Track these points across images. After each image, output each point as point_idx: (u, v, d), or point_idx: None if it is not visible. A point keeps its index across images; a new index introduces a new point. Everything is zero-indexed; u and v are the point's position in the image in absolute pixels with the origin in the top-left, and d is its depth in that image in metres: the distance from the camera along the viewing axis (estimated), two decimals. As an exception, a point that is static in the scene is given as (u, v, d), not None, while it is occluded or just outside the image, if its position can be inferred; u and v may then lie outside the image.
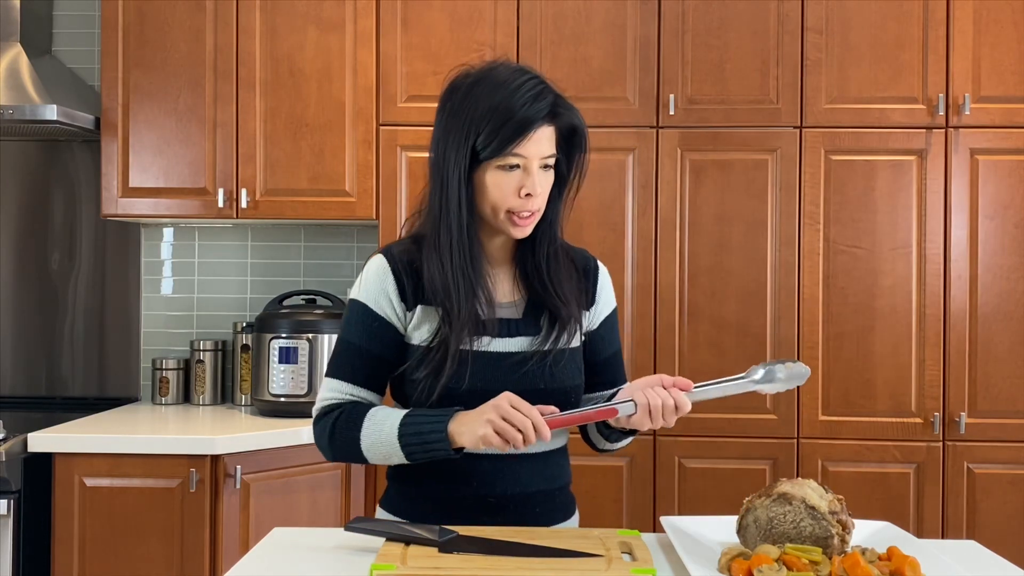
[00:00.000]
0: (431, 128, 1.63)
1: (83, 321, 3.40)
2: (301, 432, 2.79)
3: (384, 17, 3.03)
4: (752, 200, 2.95)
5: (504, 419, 1.45)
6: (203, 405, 3.27)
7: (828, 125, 2.95)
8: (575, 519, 1.73)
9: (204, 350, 3.28)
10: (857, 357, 2.93)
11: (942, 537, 2.87)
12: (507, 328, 1.61)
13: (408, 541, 1.42)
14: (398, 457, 1.54)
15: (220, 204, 3.03)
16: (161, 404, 3.28)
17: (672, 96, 2.94)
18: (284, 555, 1.50)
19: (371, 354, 1.61)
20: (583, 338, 1.70)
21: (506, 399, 1.47)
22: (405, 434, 1.52)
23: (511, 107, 1.52)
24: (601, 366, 1.73)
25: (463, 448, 1.51)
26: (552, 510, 1.67)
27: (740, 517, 1.45)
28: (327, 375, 1.64)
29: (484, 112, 1.53)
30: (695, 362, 2.93)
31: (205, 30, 3.05)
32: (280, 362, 3.01)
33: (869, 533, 1.55)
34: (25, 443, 2.61)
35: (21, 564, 2.57)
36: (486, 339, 1.59)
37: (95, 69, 3.37)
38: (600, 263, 1.76)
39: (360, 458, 1.58)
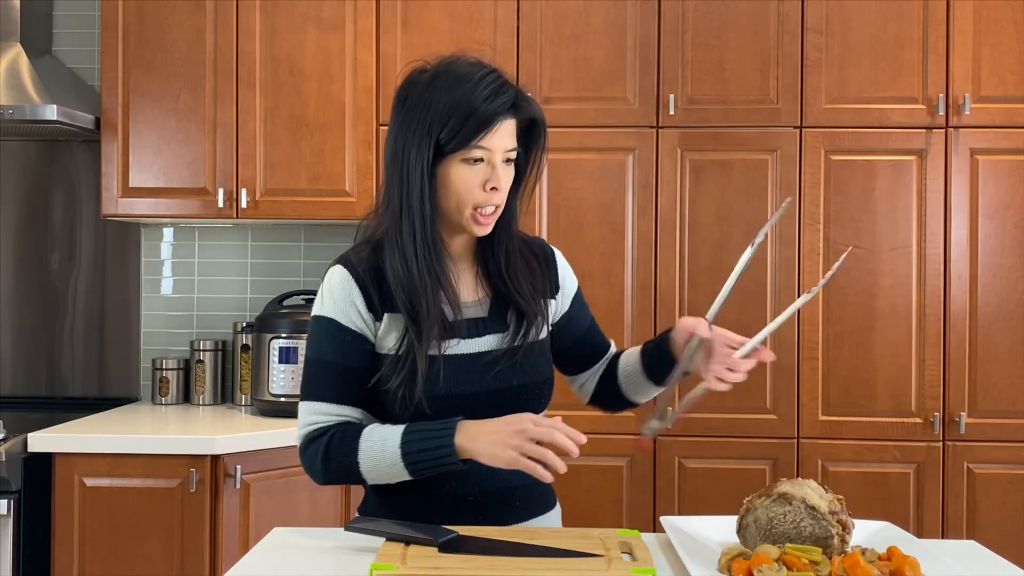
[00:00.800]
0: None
1: (83, 321, 3.40)
2: (301, 432, 2.79)
3: (384, 17, 3.03)
4: (752, 200, 2.95)
5: (532, 439, 1.42)
6: (203, 405, 3.27)
7: (828, 125, 2.95)
8: (557, 510, 1.72)
9: (204, 350, 3.28)
10: (857, 357, 2.93)
11: (942, 537, 2.87)
12: (475, 328, 1.60)
13: (408, 541, 1.42)
14: (402, 476, 1.51)
15: (220, 204, 3.03)
16: (161, 404, 3.28)
17: (672, 96, 2.95)
18: (284, 555, 1.49)
19: (349, 370, 1.56)
20: (550, 328, 1.70)
21: (528, 419, 1.45)
22: (409, 452, 1.48)
23: (474, 100, 1.51)
24: (582, 339, 1.76)
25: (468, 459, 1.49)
26: (533, 502, 1.65)
27: (740, 517, 1.45)
28: (304, 399, 1.58)
29: (447, 106, 1.51)
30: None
31: (205, 30, 3.05)
32: (280, 362, 3.01)
33: (869, 533, 1.54)
34: (25, 443, 2.61)
35: (21, 564, 2.57)
36: (455, 341, 1.57)
37: (95, 69, 3.37)
38: (554, 248, 1.77)
39: (359, 481, 1.54)
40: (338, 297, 1.57)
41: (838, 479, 2.91)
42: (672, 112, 2.94)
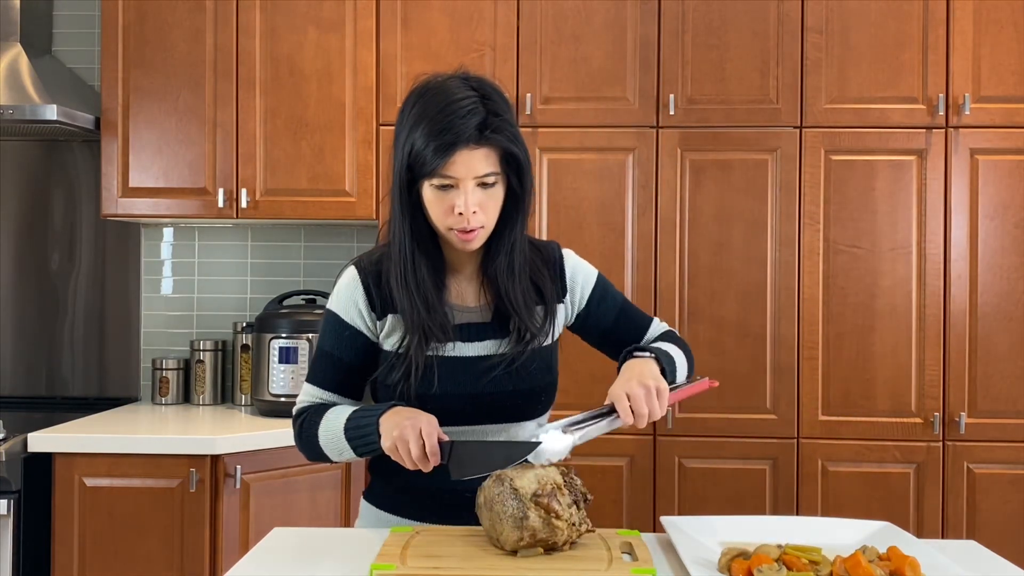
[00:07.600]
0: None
1: (83, 321, 3.40)
2: (301, 432, 2.79)
3: (384, 17, 3.03)
4: (752, 200, 2.95)
5: (405, 440, 1.45)
6: (203, 405, 3.27)
7: (828, 125, 2.95)
8: None
9: (204, 350, 3.28)
10: (857, 357, 2.93)
11: (942, 537, 2.87)
12: (473, 332, 1.63)
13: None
14: (348, 452, 1.57)
15: (220, 204, 3.03)
16: (161, 404, 3.28)
17: (672, 96, 2.95)
18: (284, 555, 1.50)
19: (341, 361, 1.66)
20: (566, 328, 1.75)
21: (426, 423, 1.46)
22: (349, 427, 1.55)
23: (436, 128, 1.49)
24: (611, 330, 1.76)
25: None
26: None
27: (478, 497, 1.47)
28: (305, 380, 1.70)
29: (417, 128, 1.51)
30: (695, 362, 2.92)
31: (205, 30, 3.05)
32: (280, 362, 3.01)
33: (869, 533, 1.55)
34: (25, 443, 2.61)
35: (21, 564, 2.57)
36: (451, 344, 1.61)
37: (95, 69, 3.37)
38: (563, 249, 1.76)
39: (324, 456, 1.62)
40: (343, 296, 1.67)
41: (838, 479, 2.91)
42: (672, 112, 2.94)
